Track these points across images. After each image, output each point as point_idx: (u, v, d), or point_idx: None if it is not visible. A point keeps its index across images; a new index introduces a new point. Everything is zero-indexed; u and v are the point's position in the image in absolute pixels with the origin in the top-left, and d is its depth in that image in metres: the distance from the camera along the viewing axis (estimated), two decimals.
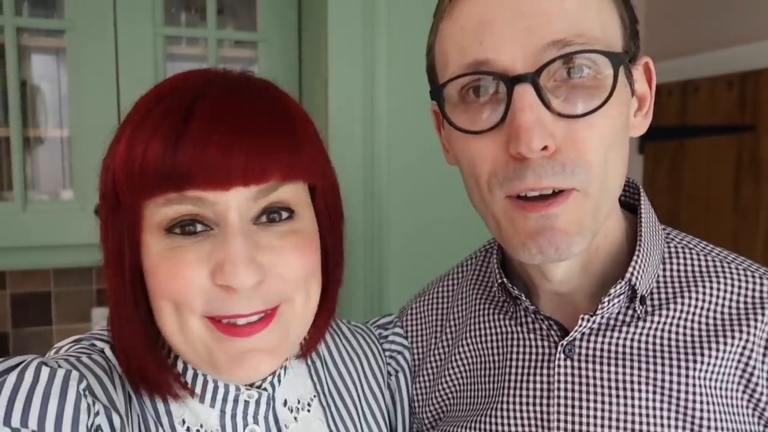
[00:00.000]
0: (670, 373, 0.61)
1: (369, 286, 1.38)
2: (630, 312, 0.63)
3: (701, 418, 0.59)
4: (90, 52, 1.45)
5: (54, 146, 1.59)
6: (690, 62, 2.00)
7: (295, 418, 0.65)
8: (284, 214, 0.57)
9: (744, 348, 0.60)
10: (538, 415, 0.64)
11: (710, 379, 0.60)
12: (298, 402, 0.66)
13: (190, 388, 0.60)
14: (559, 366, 0.64)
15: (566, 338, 0.64)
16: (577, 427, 0.62)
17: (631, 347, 0.62)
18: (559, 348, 0.64)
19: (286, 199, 0.57)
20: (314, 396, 0.68)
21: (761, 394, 0.60)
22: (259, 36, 1.58)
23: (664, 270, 0.65)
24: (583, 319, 0.62)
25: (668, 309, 0.63)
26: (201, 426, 0.59)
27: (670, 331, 0.62)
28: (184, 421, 0.59)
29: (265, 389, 0.63)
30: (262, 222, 0.56)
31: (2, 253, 1.47)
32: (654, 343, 0.62)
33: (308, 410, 0.67)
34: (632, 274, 0.61)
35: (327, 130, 1.33)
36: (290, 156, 0.55)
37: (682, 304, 0.63)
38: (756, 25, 1.82)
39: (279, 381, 0.64)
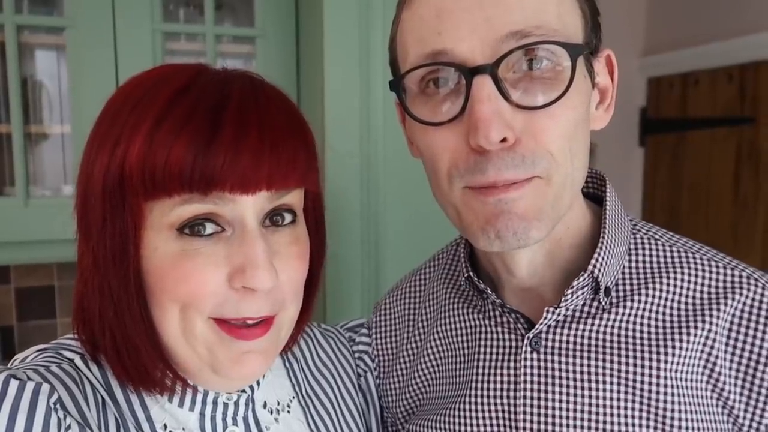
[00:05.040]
0: (635, 365, 0.61)
1: (366, 283, 1.39)
2: (595, 304, 0.63)
3: (665, 410, 0.59)
4: (90, 49, 1.46)
5: (55, 142, 1.60)
6: (690, 54, 2.00)
7: (276, 420, 0.65)
8: (288, 218, 0.59)
9: (707, 338, 0.60)
10: (505, 407, 0.64)
11: (676, 371, 0.60)
12: (278, 403, 0.67)
13: (183, 383, 0.59)
14: (525, 359, 0.64)
15: (532, 331, 0.63)
16: (542, 419, 0.62)
17: (597, 339, 0.62)
18: (525, 341, 0.64)
19: (291, 203, 0.59)
20: (293, 397, 0.69)
21: (724, 383, 0.60)
22: (257, 32, 1.58)
23: (630, 261, 0.65)
24: (547, 311, 0.62)
25: (633, 300, 0.63)
26: (183, 429, 0.59)
27: (635, 323, 0.62)
28: (165, 426, 0.59)
29: (244, 391, 0.63)
30: (268, 225, 0.57)
31: (6, 248, 1.48)
32: (619, 335, 0.62)
33: (288, 411, 0.67)
34: (594, 266, 0.61)
35: (324, 126, 1.34)
36: (306, 163, 0.57)
37: (647, 295, 0.63)
38: (755, 17, 1.81)
39: (258, 383, 0.65)
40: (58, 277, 1.85)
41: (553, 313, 0.62)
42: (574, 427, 0.61)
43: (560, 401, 0.62)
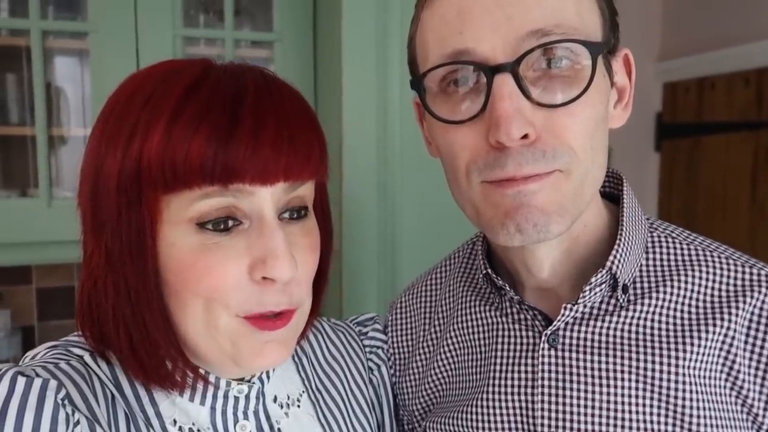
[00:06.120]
0: (653, 362, 0.61)
1: (382, 282, 1.40)
2: (613, 301, 0.63)
3: (683, 407, 0.59)
4: (112, 54, 1.48)
5: (77, 145, 1.63)
6: (706, 59, 1.99)
7: (286, 414, 0.66)
8: (302, 212, 0.59)
9: (726, 336, 0.60)
10: (523, 404, 0.64)
11: (694, 368, 0.60)
12: (288, 398, 0.67)
13: (199, 376, 0.59)
14: (543, 355, 0.64)
15: (550, 328, 0.64)
16: (560, 415, 0.62)
17: (614, 336, 0.62)
18: (543, 338, 0.64)
19: (304, 195, 0.59)
20: (303, 391, 0.69)
21: (743, 381, 0.59)
22: (275, 36, 1.61)
23: (647, 259, 0.65)
24: (565, 308, 0.62)
25: (650, 298, 0.63)
26: (193, 424, 0.59)
27: (652, 320, 0.62)
28: (175, 421, 0.59)
29: (253, 383, 0.63)
30: (282, 218, 0.58)
31: (28, 248, 1.51)
32: (636, 332, 0.62)
33: (298, 405, 0.67)
34: (612, 262, 0.61)
35: (341, 127, 1.36)
36: (320, 154, 0.58)
37: (665, 293, 0.63)
38: None
39: (268, 376, 0.65)
40: (78, 277, 1.87)
41: (571, 309, 0.62)
42: (592, 423, 0.61)
43: (578, 398, 0.62)
